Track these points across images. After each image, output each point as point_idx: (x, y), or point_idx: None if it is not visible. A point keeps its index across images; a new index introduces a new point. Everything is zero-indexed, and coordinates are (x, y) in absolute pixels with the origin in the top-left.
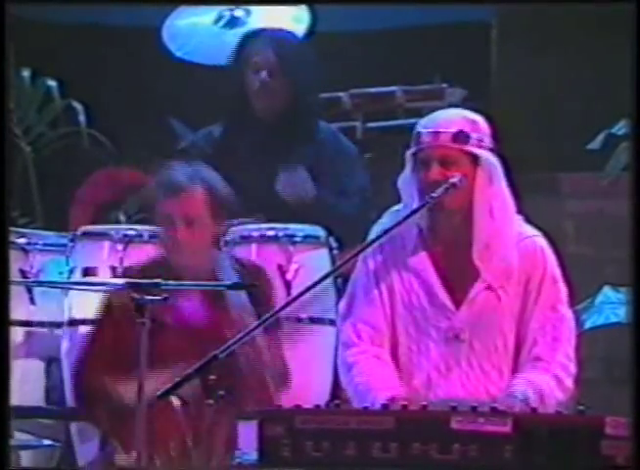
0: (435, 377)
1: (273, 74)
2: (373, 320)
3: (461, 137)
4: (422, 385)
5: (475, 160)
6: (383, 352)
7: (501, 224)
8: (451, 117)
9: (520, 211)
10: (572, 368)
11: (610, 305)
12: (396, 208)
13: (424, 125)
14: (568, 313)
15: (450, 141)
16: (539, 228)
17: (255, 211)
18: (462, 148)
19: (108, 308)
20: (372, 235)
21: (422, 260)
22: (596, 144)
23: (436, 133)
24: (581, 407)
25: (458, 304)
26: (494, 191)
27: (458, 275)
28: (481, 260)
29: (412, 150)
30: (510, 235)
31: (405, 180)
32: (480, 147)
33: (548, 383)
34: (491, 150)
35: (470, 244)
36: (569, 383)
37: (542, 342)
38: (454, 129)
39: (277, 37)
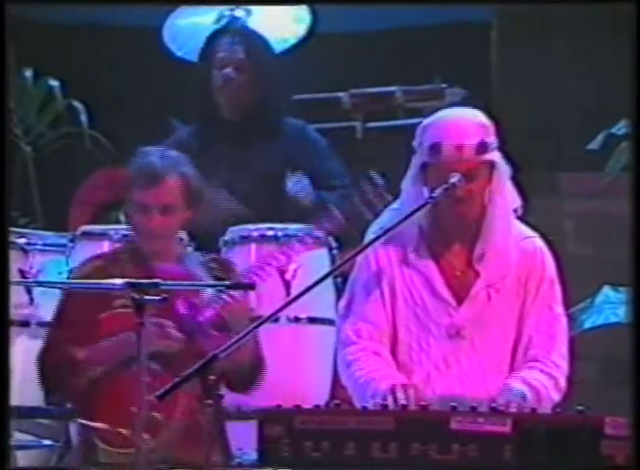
0: (435, 375)
1: (238, 70)
2: (374, 318)
3: (482, 148)
4: (421, 382)
5: (491, 166)
6: (382, 349)
7: (505, 227)
8: (469, 127)
9: (522, 211)
10: (566, 368)
11: (610, 305)
12: (395, 205)
13: (442, 137)
14: (562, 314)
15: (474, 154)
16: (539, 228)
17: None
18: (482, 158)
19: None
20: (370, 234)
21: (424, 258)
22: (596, 144)
23: (460, 147)
24: (581, 407)
25: (460, 301)
26: (503, 195)
27: (460, 273)
28: (481, 263)
29: (428, 159)
30: (510, 237)
31: (414, 184)
32: (493, 150)
33: (545, 383)
34: (499, 149)
35: (472, 243)
36: (563, 383)
37: (537, 339)
38: (476, 141)
39: (243, 34)
